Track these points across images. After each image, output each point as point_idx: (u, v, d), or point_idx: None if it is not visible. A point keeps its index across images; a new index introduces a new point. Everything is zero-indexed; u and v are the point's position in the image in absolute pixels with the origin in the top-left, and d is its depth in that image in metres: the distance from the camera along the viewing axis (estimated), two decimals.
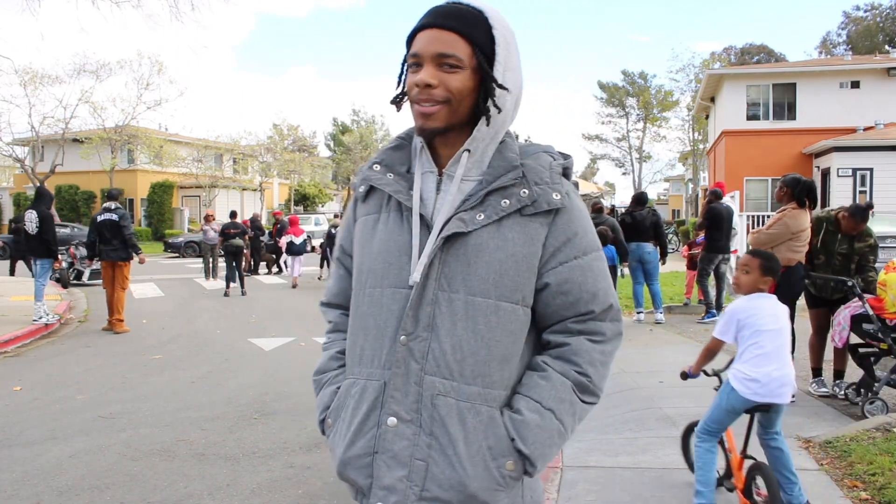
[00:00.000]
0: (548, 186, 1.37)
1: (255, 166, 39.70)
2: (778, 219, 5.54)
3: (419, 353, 1.34)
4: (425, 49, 1.34)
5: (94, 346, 8.69)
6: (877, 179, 19.48)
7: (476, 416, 1.33)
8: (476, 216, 1.34)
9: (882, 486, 3.60)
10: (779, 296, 5.43)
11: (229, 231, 14.54)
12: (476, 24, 1.35)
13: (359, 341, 1.43)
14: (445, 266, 1.34)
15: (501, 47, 1.37)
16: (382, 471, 1.34)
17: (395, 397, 1.35)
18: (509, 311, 1.35)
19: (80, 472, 4.31)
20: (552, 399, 1.36)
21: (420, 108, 1.35)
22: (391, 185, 1.42)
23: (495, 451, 1.33)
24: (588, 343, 1.39)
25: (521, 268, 1.35)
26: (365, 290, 1.43)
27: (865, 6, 48.25)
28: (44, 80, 30.73)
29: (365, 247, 1.45)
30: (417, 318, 1.34)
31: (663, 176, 58.52)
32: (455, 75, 1.34)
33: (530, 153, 1.42)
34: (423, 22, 1.36)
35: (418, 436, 1.33)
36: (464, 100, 1.36)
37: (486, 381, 1.34)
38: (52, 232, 9.64)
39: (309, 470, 4.33)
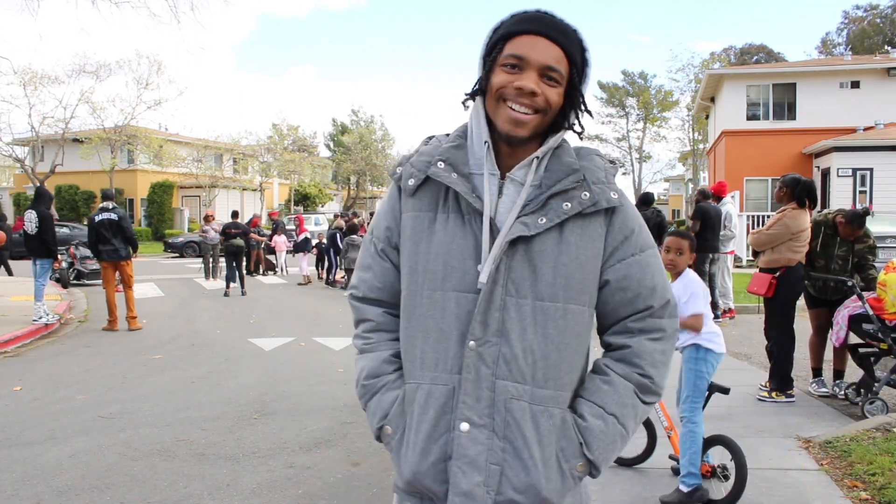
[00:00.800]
0: (605, 186, 1.39)
1: (255, 166, 39.70)
2: (778, 219, 5.54)
3: (490, 358, 1.34)
4: (534, 57, 1.34)
5: (94, 346, 8.69)
6: (877, 179, 19.48)
7: (549, 420, 1.35)
8: (538, 220, 1.35)
9: (882, 486, 3.60)
10: (779, 296, 5.47)
11: (230, 231, 14.55)
12: (576, 44, 1.40)
13: (418, 344, 1.40)
14: (511, 271, 1.35)
15: (589, 70, 1.43)
16: (458, 477, 1.34)
17: (466, 402, 1.34)
18: (577, 313, 1.37)
19: (80, 472, 4.31)
20: (615, 404, 1.38)
21: (515, 113, 1.35)
22: (460, 185, 1.39)
23: (567, 453, 1.36)
24: (649, 343, 1.41)
25: (586, 270, 1.37)
26: (423, 293, 1.40)
27: (865, 6, 48.28)
28: (43, 80, 30.77)
29: (419, 245, 1.42)
30: (486, 323, 1.34)
31: (663, 176, 58.52)
32: (554, 89, 1.37)
33: (583, 155, 1.45)
34: (530, 27, 1.36)
35: (492, 440, 1.34)
36: (553, 112, 1.39)
37: (557, 384, 1.36)
38: (51, 232, 9.65)
39: (309, 470, 4.33)
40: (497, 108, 1.37)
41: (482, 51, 1.41)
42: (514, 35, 1.36)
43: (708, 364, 3.58)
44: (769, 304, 5.60)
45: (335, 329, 9.84)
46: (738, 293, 10.70)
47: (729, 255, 10.18)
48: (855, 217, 5.54)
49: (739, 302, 10.51)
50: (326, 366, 7.36)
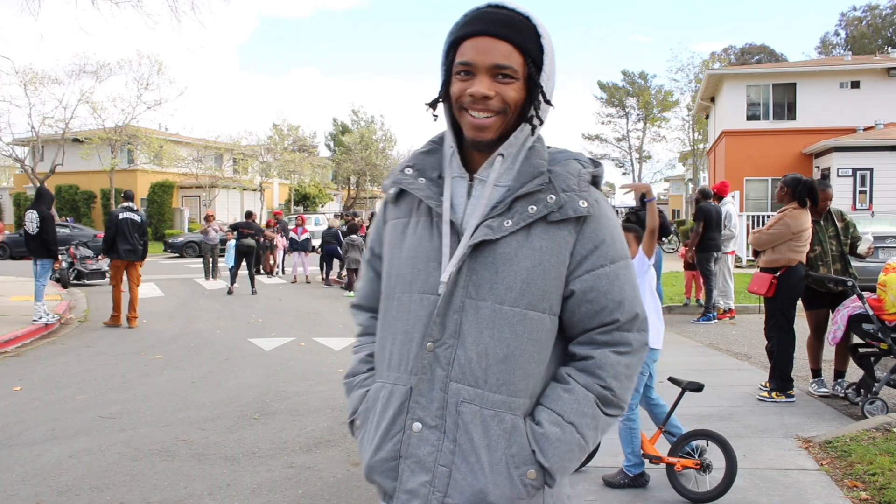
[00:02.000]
0: (575, 193, 1.36)
1: (255, 166, 39.69)
2: (778, 219, 5.55)
3: (445, 359, 1.34)
4: (481, 59, 1.32)
5: (94, 346, 8.69)
6: (877, 179, 19.47)
7: (500, 425, 1.33)
8: (504, 223, 1.33)
9: (882, 486, 3.60)
10: (779, 296, 5.48)
11: (244, 230, 14.61)
12: (528, 34, 1.34)
13: (388, 346, 1.43)
14: (473, 273, 1.34)
15: (548, 57, 1.37)
16: (406, 475, 1.35)
17: (420, 403, 1.35)
18: (536, 319, 1.35)
19: (80, 472, 4.31)
20: (574, 413, 1.35)
21: (475, 119, 1.34)
22: (422, 191, 1.41)
23: (518, 460, 1.33)
24: (613, 356, 1.37)
25: (549, 276, 1.34)
26: (394, 296, 1.43)
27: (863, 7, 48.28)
28: (44, 80, 30.74)
29: (395, 251, 1.45)
30: (444, 324, 1.34)
31: (663, 176, 58.50)
32: (510, 86, 1.33)
33: (559, 160, 1.41)
34: (474, 29, 1.34)
35: (442, 442, 1.34)
36: (516, 110, 1.36)
37: (511, 390, 1.34)
38: (52, 232, 9.68)
39: (309, 470, 4.33)
40: (460, 116, 1.37)
41: (441, 57, 1.41)
42: (462, 39, 1.35)
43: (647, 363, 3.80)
44: (769, 304, 5.61)
45: (335, 329, 9.84)
46: (739, 293, 10.70)
47: (730, 255, 10.16)
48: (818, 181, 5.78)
49: (740, 302, 10.51)
50: (326, 366, 7.36)
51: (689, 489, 3.62)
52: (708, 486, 3.59)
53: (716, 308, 9.83)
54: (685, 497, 3.61)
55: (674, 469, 3.68)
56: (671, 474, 3.69)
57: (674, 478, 3.68)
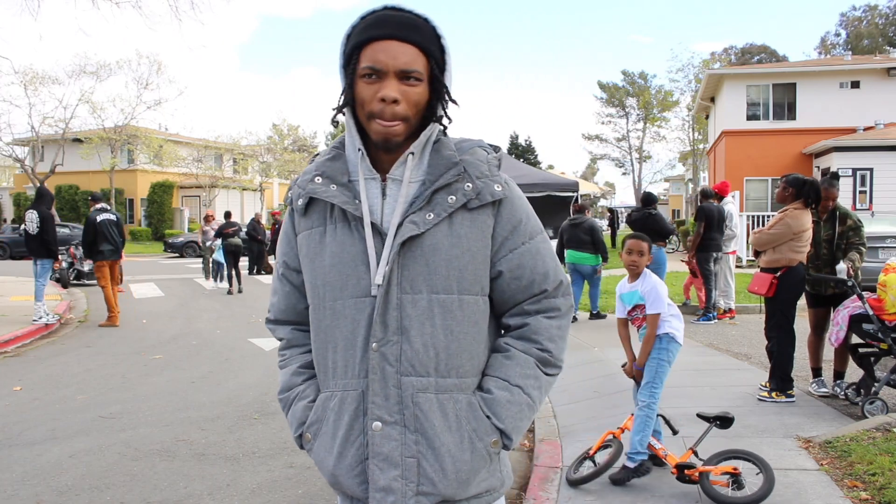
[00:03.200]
0: (489, 179, 1.42)
1: (255, 166, 39.68)
2: (779, 219, 5.54)
3: (393, 356, 1.38)
4: (388, 63, 1.34)
5: (94, 346, 8.69)
6: (877, 179, 19.48)
7: (455, 405, 1.39)
8: (426, 216, 1.37)
9: (882, 486, 3.60)
10: (779, 296, 5.47)
11: (227, 231, 14.69)
12: (429, 35, 1.38)
13: (328, 355, 1.45)
14: (405, 269, 1.37)
15: (449, 57, 1.42)
16: (376, 474, 1.38)
17: (376, 402, 1.38)
18: (472, 302, 1.42)
19: (80, 472, 4.31)
20: (518, 376, 1.43)
21: (383, 124, 1.35)
22: (337, 197, 1.42)
23: (480, 432, 1.40)
24: (545, 321, 1.47)
25: (477, 260, 1.41)
26: (325, 304, 1.44)
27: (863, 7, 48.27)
28: (44, 80, 30.73)
29: (315, 261, 1.46)
30: (386, 323, 1.37)
31: (663, 176, 58.51)
32: (415, 89, 1.36)
33: (465, 149, 1.46)
34: (379, 32, 1.35)
35: (405, 435, 1.38)
36: (420, 111, 1.39)
37: (459, 372, 1.41)
38: (52, 232, 9.70)
39: (309, 470, 4.33)
40: (368, 122, 1.38)
41: (340, 60, 1.41)
42: (366, 43, 1.36)
43: (670, 354, 3.82)
44: (770, 304, 5.60)
45: None
46: (739, 293, 10.70)
47: (731, 256, 10.16)
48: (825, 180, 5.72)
49: (740, 302, 10.51)
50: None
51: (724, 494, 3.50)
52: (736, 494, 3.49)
53: (716, 308, 9.83)
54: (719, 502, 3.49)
55: (709, 476, 3.55)
56: (705, 482, 3.55)
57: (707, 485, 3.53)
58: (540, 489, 3.89)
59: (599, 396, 5.89)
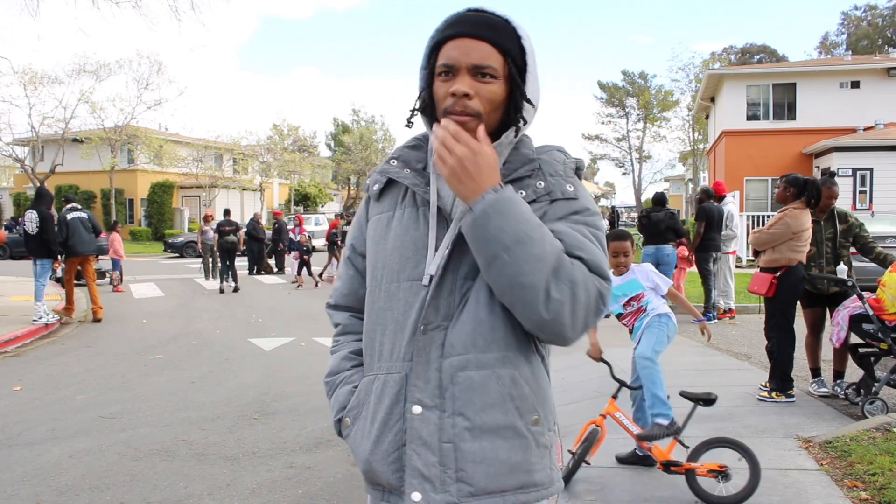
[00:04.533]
0: (562, 178, 1.41)
1: (255, 166, 39.68)
2: (779, 219, 5.54)
3: (439, 340, 1.35)
4: (461, 59, 1.34)
5: (94, 346, 8.70)
6: (877, 179, 19.47)
7: (498, 381, 1.34)
8: None
9: (882, 486, 3.60)
10: (779, 296, 5.47)
11: (224, 229, 14.75)
12: (507, 35, 1.37)
13: (377, 337, 1.44)
14: (465, 256, 1.35)
15: (531, 58, 1.39)
16: (414, 459, 1.35)
17: (417, 385, 1.35)
18: None
19: (80, 472, 4.31)
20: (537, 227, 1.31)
21: (454, 118, 1.35)
22: (409, 179, 1.43)
23: (522, 410, 1.35)
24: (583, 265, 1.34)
25: None
26: (381, 286, 1.44)
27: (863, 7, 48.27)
28: (43, 80, 30.74)
29: (379, 244, 1.46)
30: (437, 308, 1.36)
31: (663, 176, 58.50)
32: (490, 86, 1.35)
33: (544, 150, 1.46)
34: (455, 31, 1.36)
35: (443, 419, 1.34)
36: (496, 110, 1.37)
37: (500, 345, 1.35)
38: (52, 232, 9.71)
39: (309, 470, 4.33)
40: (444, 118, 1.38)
41: (421, 62, 1.43)
42: (443, 42, 1.37)
43: (670, 330, 3.93)
44: (769, 304, 5.60)
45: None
46: (739, 293, 10.70)
47: (731, 256, 10.17)
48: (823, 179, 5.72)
49: (740, 302, 10.51)
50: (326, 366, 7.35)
51: (712, 493, 3.52)
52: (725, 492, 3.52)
53: (716, 308, 9.83)
54: (707, 502, 3.51)
55: (695, 474, 3.58)
56: (691, 479, 3.58)
57: (694, 483, 3.57)
58: None
59: (600, 396, 5.89)
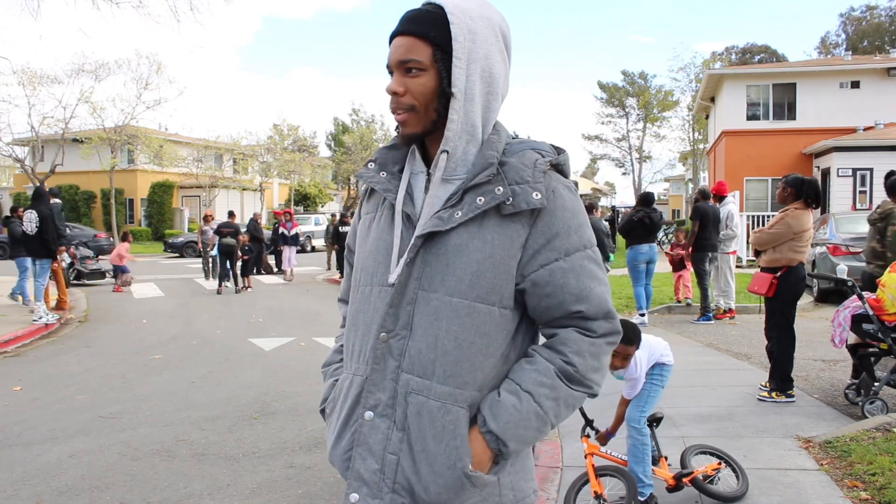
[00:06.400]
0: (528, 186, 1.32)
1: (255, 166, 39.67)
2: (780, 219, 5.54)
3: (397, 350, 1.36)
4: (391, 58, 1.37)
5: (94, 346, 8.70)
6: (877, 179, 19.41)
7: (446, 416, 1.33)
8: (454, 214, 1.33)
9: (882, 486, 3.60)
10: (779, 295, 5.47)
11: (223, 230, 14.75)
12: (434, 23, 1.33)
13: (351, 337, 1.47)
14: (427, 265, 1.35)
15: (461, 41, 1.33)
16: (358, 462, 1.38)
17: (372, 392, 1.37)
18: (484, 312, 1.33)
19: (80, 472, 4.31)
20: (532, 382, 1.34)
21: (395, 116, 1.38)
22: (382, 184, 1.45)
23: (460, 451, 1.32)
24: (576, 334, 1.36)
25: (499, 270, 1.33)
26: (358, 288, 1.47)
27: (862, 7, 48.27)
28: (43, 80, 30.69)
29: (361, 245, 1.50)
30: (397, 316, 1.36)
31: (663, 176, 58.53)
32: (417, 79, 1.34)
33: (515, 150, 1.38)
34: (392, 31, 1.39)
35: (391, 430, 1.35)
36: (432, 102, 1.36)
37: (457, 382, 1.33)
38: (52, 232, 9.71)
39: (309, 470, 4.33)
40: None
41: None
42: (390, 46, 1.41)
43: (663, 379, 3.64)
44: (769, 304, 5.61)
45: (335, 329, 9.81)
46: (739, 293, 10.70)
47: (731, 256, 10.19)
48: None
49: (740, 302, 10.51)
50: None
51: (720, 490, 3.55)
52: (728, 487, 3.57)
53: (716, 308, 9.89)
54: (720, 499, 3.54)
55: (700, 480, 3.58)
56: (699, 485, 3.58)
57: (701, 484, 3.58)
58: (540, 489, 3.88)
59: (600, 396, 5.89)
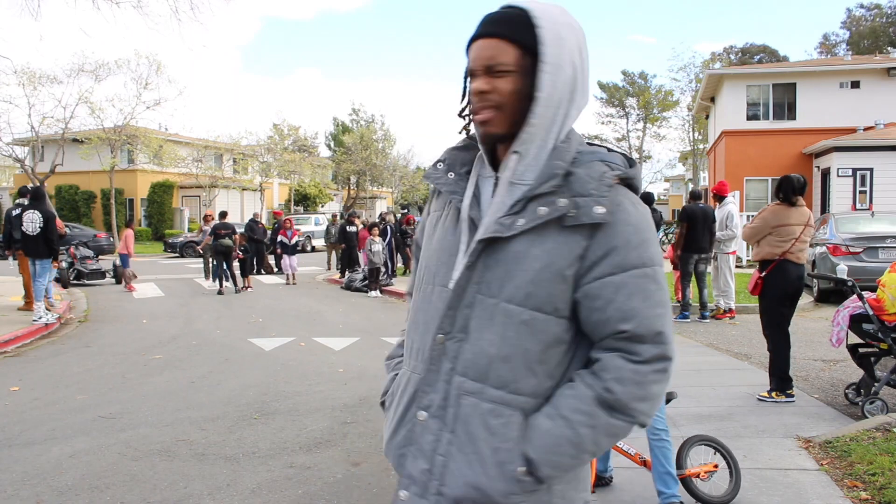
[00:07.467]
0: (592, 199, 1.31)
1: (255, 166, 39.66)
2: (759, 213, 5.79)
3: (452, 352, 1.37)
4: (475, 62, 1.37)
5: (94, 346, 8.69)
6: (877, 179, 19.46)
7: (497, 419, 1.33)
8: (516, 221, 1.33)
9: (882, 486, 3.60)
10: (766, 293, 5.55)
11: (220, 231, 14.73)
12: (520, 25, 1.34)
13: (412, 335, 1.49)
14: (487, 270, 1.35)
15: (549, 46, 1.33)
16: (409, 461, 1.40)
17: (426, 392, 1.39)
18: (542, 321, 1.33)
19: (80, 472, 4.31)
20: (569, 408, 1.32)
21: (478, 115, 1.37)
22: (448, 186, 1.45)
23: (512, 454, 1.32)
24: (619, 360, 1.32)
25: (557, 279, 1.32)
26: (421, 286, 1.49)
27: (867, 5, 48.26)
28: (42, 80, 30.65)
29: (426, 244, 1.52)
30: (454, 318, 1.37)
31: (663, 176, 58.54)
32: (503, 79, 1.34)
33: (585, 161, 1.36)
34: (474, 34, 1.38)
35: (442, 432, 1.36)
36: (517, 103, 1.35)
37: (511, 388, 1.34)
38: (54, 232, 9.76)
39: (309, 470, 4.33)
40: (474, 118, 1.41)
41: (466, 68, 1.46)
42: (468, 48, 1.40)
43: None
44: (759, 303, 5.70)
45: (335, 329, 9.84)
46: (739, 293, 10.71)
47: (731, 256, 10.23)
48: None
49: (740, 302, 10.52)
50: (326, 366, 7.36)
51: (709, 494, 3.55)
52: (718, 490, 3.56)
53: (715, 307, 9.97)
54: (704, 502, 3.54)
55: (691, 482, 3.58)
56: (689, 485, 3.59)
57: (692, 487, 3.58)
58: None
59: None
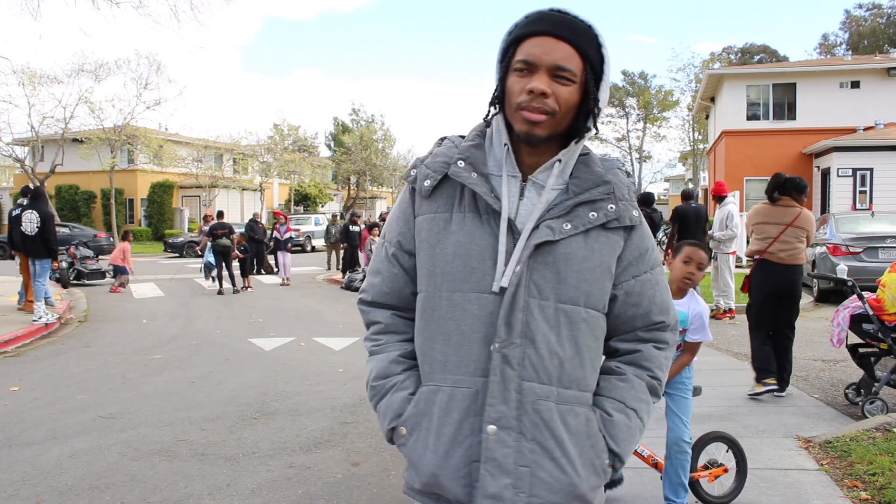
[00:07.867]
0: (629, 204, 1.44)
1: (255, 166, 39.66)
2: None
3: (515, 359, 1.34)
4: (542, 58, 1.33)
5: (94, 346, 8.69)
6: (877, 179, 19.47)
7: (576, 418, 1.39)
8: (563, 225, 1.36)
9: (882, 486, 3.60)
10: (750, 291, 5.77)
11: (217, 232, 14.73)
12: (590, 41, 1.36)
13: (439, 347, 1.40)
14: (534, 273, 1.35)
15: (608, 67, 1.39)
16: (487, 480, 1.34)
17: (493, 405, 1.34)
18: (595, 317, 1.42)
19: (80, 472, 4.31)
20: (633, 399, 1.45)
21: (528, 114, 1.34)
22: (479, 186, 1.39)
23: (598, 449, 1.40)
24: (655, 350, 1.49)
25: (605, 278, 1.41)
26: (442, 294, 1.40)
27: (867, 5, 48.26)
28: (42, 80, 30.64)
29: (436, 247, 1.41)
30: (511, 324, 1.34)
31: (663, 176, 58.57)
32: (566, 88, 1.34)
33: (609, 168, 1.47)
34: (538, 28, 1.35)
35: (520, 442, 1.34)
36: (568, 113, 1.37)
37: (581, 385, 1.40)
38: (53, 231, 9.75)
39: (309, 470, 4.33)
40: (514, 115, 1.37)
41: (498, 55, 1.41)
42: (524, 38, 1.35)
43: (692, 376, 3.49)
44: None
45: (335, 329, 9.84)
46: (738, 293, 10.72)
47: (731, 256, 10.23)
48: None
49: (740, 302, 10.52)
50: (326, 366, 7.36)
51: (712, 494, 3.58)
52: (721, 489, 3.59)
53: (715, 307, 9.97)
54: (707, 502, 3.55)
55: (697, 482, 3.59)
56: (693, 486, 3.58)
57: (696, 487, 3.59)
58: None
59: None
